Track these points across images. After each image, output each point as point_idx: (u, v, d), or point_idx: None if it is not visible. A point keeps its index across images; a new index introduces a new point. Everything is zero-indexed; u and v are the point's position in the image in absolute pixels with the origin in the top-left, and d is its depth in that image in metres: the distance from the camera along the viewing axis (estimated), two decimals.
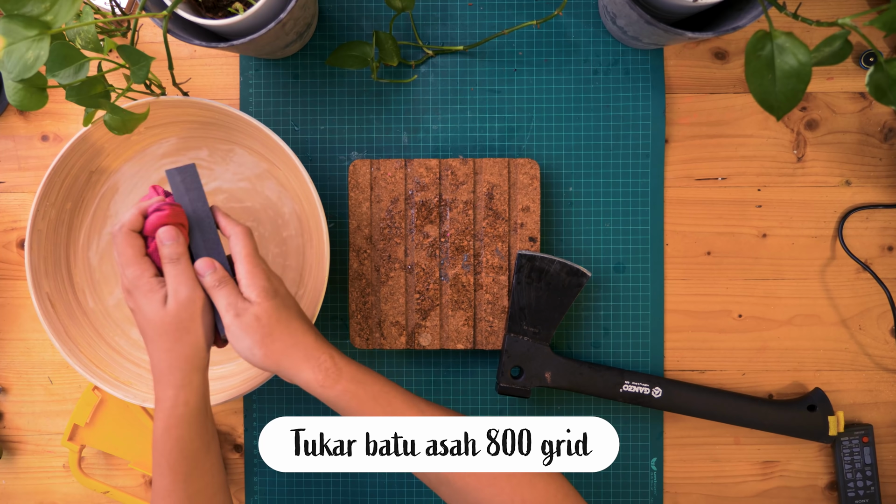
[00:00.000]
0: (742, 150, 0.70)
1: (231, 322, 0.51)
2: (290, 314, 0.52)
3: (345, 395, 0.50)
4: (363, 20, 0.70)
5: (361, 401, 0.51)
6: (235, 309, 0.51)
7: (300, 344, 0.51)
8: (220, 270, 0.53)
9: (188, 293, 0.52)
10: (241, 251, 0.53)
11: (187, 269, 0.53)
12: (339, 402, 0.51)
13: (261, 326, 0.51)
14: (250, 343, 0.50)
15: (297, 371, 0.51)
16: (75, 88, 0.51)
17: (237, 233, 0.54)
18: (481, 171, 0.67)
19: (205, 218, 0.55)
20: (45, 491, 0.72)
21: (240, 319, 0.51)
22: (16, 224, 0.72)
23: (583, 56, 0.69)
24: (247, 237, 0.54)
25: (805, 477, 0.70)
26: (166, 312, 0.51)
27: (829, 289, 0.70)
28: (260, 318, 0.51)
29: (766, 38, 0.46)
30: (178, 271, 0.52)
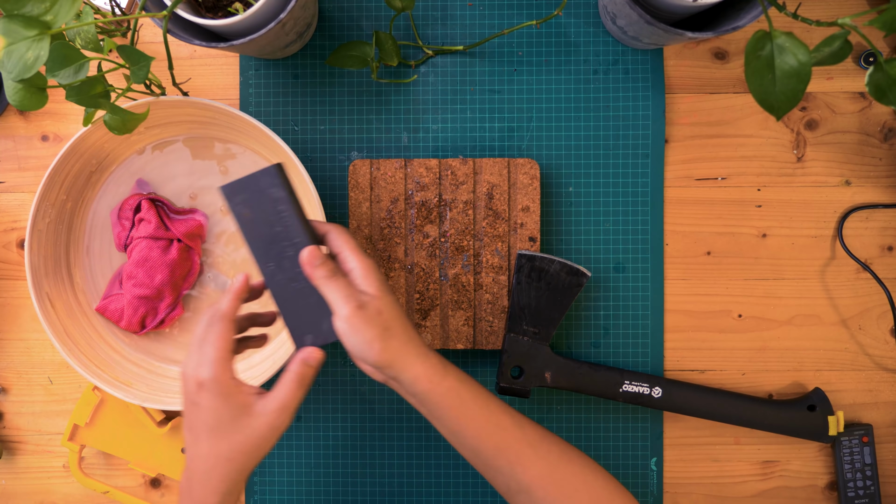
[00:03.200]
0: (742, 150, 0.70)
1: (351, 313, 0.48)
2: (402, 311, 0.52)
3: (450, 392, 0.50)
4: (363, 20, 0.70)
5: (464, 400, 0.51)
6: (357, 301, 0.48)
7: (413, 341, 0.50)
8: (330, 261, 0.50)
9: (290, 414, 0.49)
10: (349, 245, 0.51)
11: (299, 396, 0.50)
12: (443, 400, 0.50)
13: (382, 320, 0.49)
14: (370, 336, 0.48)
15: (409, 367, 0.49)
16: (75, 88, 0.51)
17: (336, 229, 0.52)
18: (481, 171, 0.67)
19: (289, 218, 0.51)
20: (45, 491, 0.72)
21: (363, 312, 0.48)
22: (16, 224, 0.72)
23: (583, 56, 0.69)
24: (347, 232, 0.52)
25: (805, 477, 0.70)
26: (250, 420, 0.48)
27: (829, 289, 0.70)
28: (382, 312, 0.49)
29: (766, 38, 0.46)
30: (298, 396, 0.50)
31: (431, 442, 0.70)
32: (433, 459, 0.70)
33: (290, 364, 0.50)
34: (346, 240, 0.51)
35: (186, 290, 0.68)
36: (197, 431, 0.49)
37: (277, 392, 0.49)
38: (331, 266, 0.50)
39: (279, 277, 0.51)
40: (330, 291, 0.49)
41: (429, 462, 0.70)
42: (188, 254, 0.67)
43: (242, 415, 0.48)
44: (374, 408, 0.70)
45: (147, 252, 0.65)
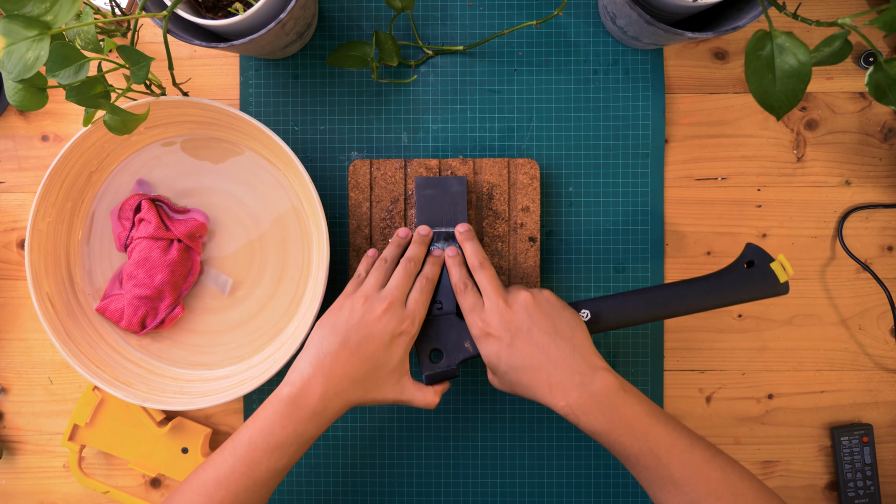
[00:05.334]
0: (742, 150, 0.70)
1: (500, 302, 0.56)
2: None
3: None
4: (363, 20, 0.70)
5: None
6: (505, 298, 0.57)
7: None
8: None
9: (418, 324, 0.58)
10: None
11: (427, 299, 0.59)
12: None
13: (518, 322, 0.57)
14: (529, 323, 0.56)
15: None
16: (75, 89, 0.51)
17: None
18: (481, 171, 0.67)
19: (461, 214, 0.64)
20: (45, 491, 0.72)
21: (509, 304, 0.56)
22: (16, 224, 0.72)
23: (583, 56, 0.69)
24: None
25: (805, 477, 0.70)
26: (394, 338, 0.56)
27: (829, 289, 0.70)
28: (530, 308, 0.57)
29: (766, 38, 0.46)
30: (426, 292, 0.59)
31: (431, 442, 0.70)
32: (433, 459, 0.70)
33: (441, 382, 0.60)
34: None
35: (187, 290, 0.68)
36: (359, 356, 0.55)
37: (423, 391, 0.58)
38: (483, 254, 0.60)
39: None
40: (482, 278, 0.58)
41: (429, 462, 0.70)
42: (188, 254, 0.67)
43: (398, 379, 0.57)
44: (374, 408, 0.70)
45: (147, 252, 0.65)
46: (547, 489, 0.69)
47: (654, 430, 0.51)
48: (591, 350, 0.55)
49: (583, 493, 0.69)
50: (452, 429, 0.70)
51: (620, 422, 0.52)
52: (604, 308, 0.60)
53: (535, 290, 0.58)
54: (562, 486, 0.69)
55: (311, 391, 0.54)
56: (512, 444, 0.70)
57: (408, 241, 0.63)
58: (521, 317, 0.55)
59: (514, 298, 0.57)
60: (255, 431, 0.54)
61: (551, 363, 0.54)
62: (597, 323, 0.59)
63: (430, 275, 0.60)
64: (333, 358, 0.55)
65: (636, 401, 0.52)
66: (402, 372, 0.57)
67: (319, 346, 0.56)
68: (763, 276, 0.59)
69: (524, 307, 0.56)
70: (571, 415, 0.53)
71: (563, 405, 0.53)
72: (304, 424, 0.54)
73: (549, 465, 0.69)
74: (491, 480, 0.70)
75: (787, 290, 0.59)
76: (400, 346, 0.56)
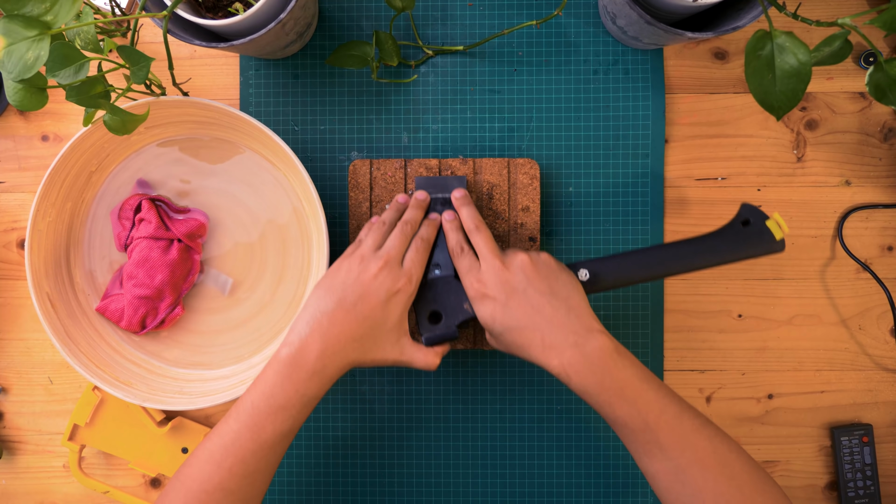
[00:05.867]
0: (742, 150, 0.70)
1: (496, 263, 0.56)
2: None
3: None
4: (363, 20, 0.70)
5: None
6: (501, 260, 0.57)
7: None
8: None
9: (415, 283, 0.58)
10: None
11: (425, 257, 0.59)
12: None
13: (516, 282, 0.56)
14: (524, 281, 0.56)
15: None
16: (75, 88, 0.51)
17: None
18: (481, 171, 0.67)
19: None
20: (45, 491, 0.72)
21: (505, 264, 0.56)
22: (16, 224, 0.72)
23: (583, 56, 0.69)
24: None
25: (805, 477, 0.70)
26: (392, 292, 0.56)
27: (829, 289, 0.70)
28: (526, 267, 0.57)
29: (766, 38, 0.46)
30: (421, 252, 0.59)
31: (431, 442, 0.70)
32: (433, 459, 0.70)
33: (440, 344, 0.59)
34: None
35: (187, 289, 0.68)
36: (356, 315, 0.55)
37: (422, 352, 0.57)
38: (480, 218, 0.61)
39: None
40: (478, 239, 0.58)
41: (429, 462, 0.70)
42: (188, 254, 0.67)
43: (397, 338, 0.56)
44: (374, 408, 0.70)
45: (147, 252, 0.65)
46: (547, 480, 0.69)
47: (645, 394, 0.51)
48: (587, 312, 0.55)
49: (582, 485, 0.69)
50: (452, 427, 0.70)
51: (612, 384, 0.51)
52: (603, 267, 0.59)
53: (533, 252, 0.58)
54: (561, 479, 0.69)
55: (309, 351, 0.54)
56: (513, 441, 0.70)
57: (406, 206, 0.63)
58: (517, 277, 0.55)
59: (511, 260, 0.56)
60: (258, 395, 0.53)
61: (546, 323, 0.54)
62: (595, 282, 0.59)
63: (425, 235, 0.60)
64: (330, 317, 0.54)
65: (629, 364, 0.52)
66: (400, 332, 0.57)
67: (316, 307, 0.55)
68: (759, 233, 0.59)
69: (521, 268, 0.56)
70: (563, 374, 0.53)
71: (556, 364, 0.53)
72: (305, 384, 0.53)
73: (549, 456, 0.69)
74: (491, 472, 0.70)
75: (783, 248, 0.59)
76: (397, 304, 0.56)
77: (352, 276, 0.56)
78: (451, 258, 0.60)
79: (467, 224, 0.60)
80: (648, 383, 0.52)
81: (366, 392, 0.70)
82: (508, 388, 0.70)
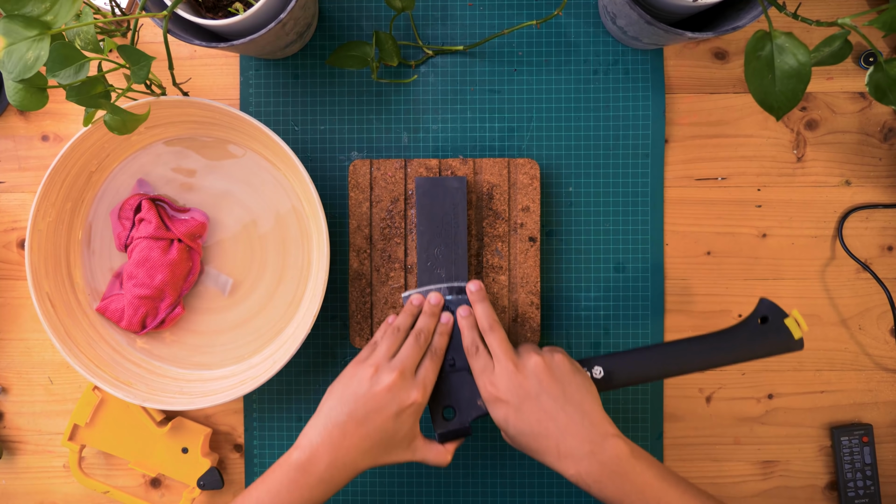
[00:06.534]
0: (742, 150, 0.70)
1: (510, 366, 0.56)
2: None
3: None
4: (363, 20, 0.70)
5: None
6: (515, 362, 0.57)
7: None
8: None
9: (428, 392, 0.58)
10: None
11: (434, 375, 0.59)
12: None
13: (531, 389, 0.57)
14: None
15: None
16: (75, 88, 0.51)
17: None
18: (481, 171, 0.67)
19: (461, 215, 0.65)
20: (45, 491, 0.72)
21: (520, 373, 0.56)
22: (16, 224, 0.72)
23: (583, 56, 0.69)
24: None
25: (805, 477, 0.70)
26: (403, 410, 0.56)
27: (829, 289, 0.70)
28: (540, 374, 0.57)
29: (766, 38, 0.46)
30: (433, 367, 0.59)
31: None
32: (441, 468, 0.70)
33: (453, 441, 0.60)
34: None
35: (187, 289, 0.68)
36: (367, 429, 0.55)
37: (435, 450, 0.58)
38: (494, 317, 0.60)
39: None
40: (493, 342, 0.58)
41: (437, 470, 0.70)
42: (189, 254, 0.67)
43: (409, 443, 0.57)
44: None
45: (147, 252, 0.65)
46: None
47: (666, 495, 0.52)
48: (601, 416, 0.55)
49: (582, 495, 0.69)
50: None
51: (632, 489, 0.52)
52: (617, 365, 0.59)
53: (547, 353, 0.58)
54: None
55: (319, 460, 0.54)
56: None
57: (419, 309, 0.63)
58: (530, 382, 0.55)
59: (524, 363, 0.57)
60: (264, 493, 0.54)
61: (560, 430, 0.54)
62: (609, 381, 0.59)
63: (438, 346, 0.60)
64: (342, 430, 0.55)
65: (647, 466, 0.53)
66: (412, 437, 0.57)
67: (328, 416, 0.56)
68: (777, 332, 0.58)
69: (534, 372, 0.56)
70: (582, 483, 0.53)
71: (573, 473, 0.53)
72: (311, 491, 0.54)
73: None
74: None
75: (801, 347, 0.58)
76: (409, 416, 0.56)
77: (363, 388, 0.56)
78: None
79: (482, 323, 0.60)
80: (667, 482, 0.52)
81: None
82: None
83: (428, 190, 0.64)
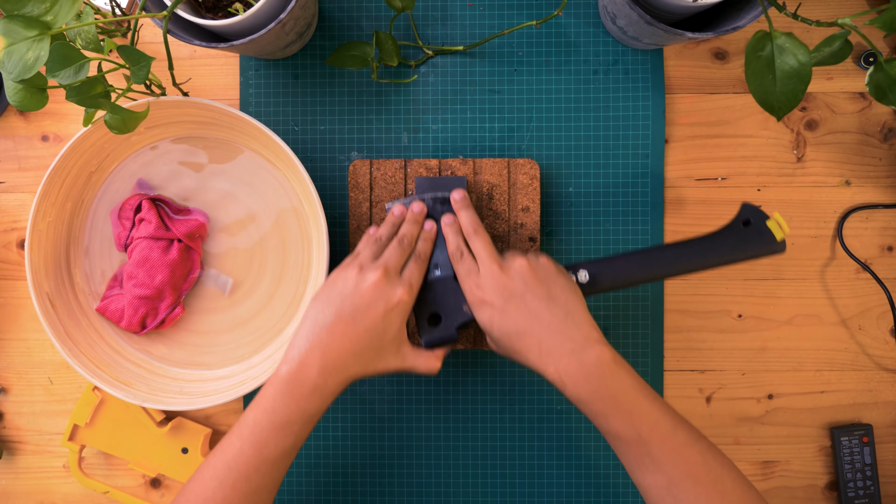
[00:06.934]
0: (742, 150, 0.70)
1: (495, 268, 0.56)
2: None
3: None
4: (363, 20, 0.70)
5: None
6: (500, 264, 0.56)
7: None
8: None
9: (414, 293, 0.57)
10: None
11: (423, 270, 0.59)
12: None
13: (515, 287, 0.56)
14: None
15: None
16: (75, 89, 0.51)
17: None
18: (481, 172, 0.67)
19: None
20: (45, 491, 0.72)
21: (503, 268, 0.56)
22: (16, 224, 0.72)
23: (583, 56, 0.69)
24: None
25: (805, 477, 0.70)
26: (393, 306, 0.55)
27: (829, 289, 0.70)
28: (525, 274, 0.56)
29: (766, 39, 0.46)
30: (419, 266, 0.59)
31: (431, 442, 0.70)
32: (433, 459, 0.70)
33: (440, 346, 0.59)
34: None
35: (187, 290, 0.68)
36: (356, 328, 0.54)
37: (424, 356, 0.57)
38: (477, 220, 0.60)
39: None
40: (476, 243, 0.58)
41: (429, 462, 0.70)
42: (189, 254, 0.67)
43: (398, 348, 0.56)
44: (374, 408, 0.70)
45: (147, 252, 0.65)
46: (546, 481, 0.69)
47: (640, 406, 0.51)
48: (585, 318, 0.54)
49: (581, 491, 0.69)
50: (452, 427, 0.70)
51: (606, 393, 0.51)
52: (602, 269, 0.59)
53: (532, 256, 0.57)
54: (560, 481, 0.69)
55: (309, 367, 0.53)
56: (512, 443, 0.70)
57: (402, 219, 0.62)
58: (515, 282, 0.55)
59: (509, 264, 0.56)
60: (259, 412, 0.53)
61: (543, 329, 0.53)
62: (595, 284, 0.59)
63: (423, 250, 0.60)
64: (330, 331, 0.54)
65: (626, 375, 0.52)
66: (400, 340, 0.56)
67: (315, 320, 0.55)
68: (760, 234, 0.58)
69: (519, 273, 0.55)
70: (559, 381, 0.52)
71: (552, 371, 0.52)
72: (306, 401, 0.53)
73: (548, 457, 0.69)
74: (491, 472, 0.70)
75: (783, 249, 0.58)
76: (397, 314, 0.55)
77: (349, 287, 0.56)
78: (450, 259, 0.60)
79: (466, 228, 0.60)
80: (644, 395, 0.51)
81: (366, 392, 0.70)
82: (508, 388, 0.70)
83: (428, 190, 0.64)
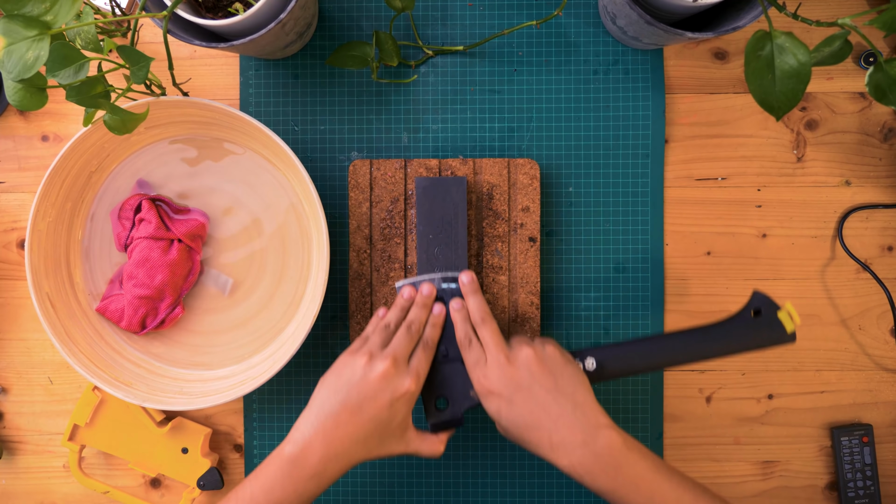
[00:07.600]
0: (742, 150, 0.70)
1: (502, 358, 0.56)
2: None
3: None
4: (363, 20, 0.70)
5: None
6: (507, 354, 0.57)
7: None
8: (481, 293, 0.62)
9: (421, 381, 0.57)
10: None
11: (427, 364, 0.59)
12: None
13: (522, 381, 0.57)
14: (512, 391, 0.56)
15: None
16: (75, 89, 0.51)
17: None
18: (481, 172, 0.67)
19: (461, 216, 0.65)
20: (45, 491, 0.72)
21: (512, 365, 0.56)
22: (16, 224, 0.72)
23: (583, 56, 0.69)
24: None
25: (805, 477, 0.70)
26: (398, 399, 0.55)
27: (829, 289, 0.70)
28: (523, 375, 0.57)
29: (766, 39, 0.46)
30: (426, 358, 0.59)
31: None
32: (433, 459, 0.70)
33: (445, 430, 0.60)
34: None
35: (187, 290, 0.68)
36: (361, 418, 0.55)
37: (428, 441, 0.58)
38: (486, 310, 0.60)
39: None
40: (485, 333, 0.58)
41: (429, 462, 0.70)
42: (189, 254, 0.67)
43: (402, 434, 0.57)
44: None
45: (147, 252, 0.65)
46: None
47: (659, 487, 0.51)
48: (593, 406, 0.55)
49: (582, 495, 0.69)
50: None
51: (625, 481, 0.51)
52: (609, 357, 0.59)
53: (538, 345, 0.57)
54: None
55: (311, 453, 0.54)
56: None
57: (410, 303, 0.62)
58: (522, 373, 0.55)
59: (516, 354, 0.56)
60: (257, 488, 0.54)
61: (552, 421, 0.54)
62: (602, 373, 0.59)
63: (430, 338, 0.60)
64: (335, 420, 0.55)
65: (640, 458, 0.52)
66: (405, 427, 0.57)
67: (321, 407, 0.55)
68: (770, 325, 0.58)
69: (526, 363, 0.56)
70: (575, 474, 0.53)
71: (566, 464, 0.53)
72: (305, 484, 0.54)
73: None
74: None
75: (794, 340, 0.58)
76: (403, 403, 0.56)
77: (357, 375, 0.56)
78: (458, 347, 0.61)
79: (474, 316, 0.60)
80: (661, 475, 0.52)
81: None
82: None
83: (428, 190, 0.64)
